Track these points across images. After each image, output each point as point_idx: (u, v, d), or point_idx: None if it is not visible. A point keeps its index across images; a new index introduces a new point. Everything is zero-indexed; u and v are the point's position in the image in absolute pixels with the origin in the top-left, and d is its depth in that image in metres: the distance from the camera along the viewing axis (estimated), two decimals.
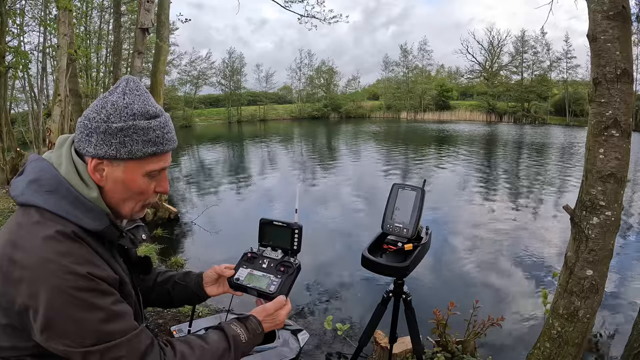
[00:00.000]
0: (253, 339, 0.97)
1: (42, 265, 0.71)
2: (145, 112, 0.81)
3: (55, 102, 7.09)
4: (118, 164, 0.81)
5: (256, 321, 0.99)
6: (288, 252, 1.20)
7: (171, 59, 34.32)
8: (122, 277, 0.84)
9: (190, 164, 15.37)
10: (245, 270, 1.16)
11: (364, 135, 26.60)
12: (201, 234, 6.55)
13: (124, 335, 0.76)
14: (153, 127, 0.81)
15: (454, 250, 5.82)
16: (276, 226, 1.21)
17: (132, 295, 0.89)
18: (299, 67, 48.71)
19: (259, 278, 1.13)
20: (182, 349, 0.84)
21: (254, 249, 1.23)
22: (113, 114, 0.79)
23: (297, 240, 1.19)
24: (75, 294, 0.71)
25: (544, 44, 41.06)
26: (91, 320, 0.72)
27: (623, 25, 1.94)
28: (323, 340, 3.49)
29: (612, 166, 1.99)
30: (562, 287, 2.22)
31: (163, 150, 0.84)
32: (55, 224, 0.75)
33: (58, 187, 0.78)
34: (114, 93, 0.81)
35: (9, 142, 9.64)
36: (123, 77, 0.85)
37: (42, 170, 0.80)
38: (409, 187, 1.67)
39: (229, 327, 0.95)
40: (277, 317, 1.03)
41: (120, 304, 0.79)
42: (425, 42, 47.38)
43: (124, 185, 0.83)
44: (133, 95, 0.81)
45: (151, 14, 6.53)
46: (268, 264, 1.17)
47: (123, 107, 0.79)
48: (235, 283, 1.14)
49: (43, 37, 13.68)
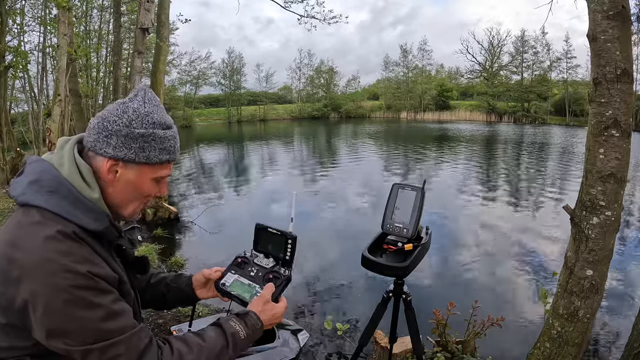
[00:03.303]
0: (252, 334, 0.98)
1: (42, 264, 0.71)
2: (163, 122, 0.88)
3: (55, 102, 7.09)
4: (132, 167, 0.86)
5: (255, 316, 1.00)
6: (279, 261, 1.17)
7: (171, 59, 34.39)
8: (121, 276, 0.85)
9: (190, 164, 15.36)
10: (233, 276, 1.14)
11: (364, 135, 26.60)
12: (201, 234, 6.55)
13: (123, 334, 0.77)
14: (168, 136, 0.88)
15: (454, 250, 5.82)
16: (271, 233, 1.18)
17: (131, 294, 0.90)
18: (298, 67, 48.80)
19: (244, 287, 1.11)
20: (179, 347, 0.85)
21: (247, 252, 1.21)
22: (135, 120, 0.84)
23: (290, 251, 1.15)
24: (75, 293, 0.72)
25: (544, 44, 41.16)
26: (91, 319, 0.73)
27: (623, 25, 1.94)
28: (323, 340, 3.49)
29: (612, 166, 1.99)
30: (562, 287, 2.22)
31: (174, 159, 0.92)
32: (56, 224, 0.76)
33: (59, 188, 0.79)
34: (135, 100, 0.86)
35: (9, 142, 9.65)
36: (140, 86, 0.91)
37: (42, 171, 0.81)
38: (409, 187, 1.67)
39: (228, 323, 0.95)
40: (275, 308, 1.04)
41: (119, 302, 0.80)
42: (425, 42, 47.45)
43: (134, 187, 0.88)
44: (152, 105, 0.87)
45: (151, 14, 6.53)
46: (256, 272, 1.14)
47: (145, 114, 0.85)
48: (221, 288, 1.12)
49: (43, 36, 13.70)
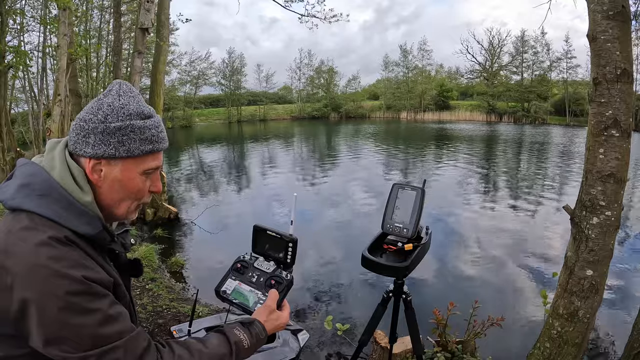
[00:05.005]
0: (256, 343, 0.96)
1: (34, 271, 0.70)
2: (140, 112, 0.84)
3: (55, 102, 7.08)
4: (116, 163, 0.83)
5: (260, 326, 0.98)
6: (280, 264, 1.14)
7: (171, 59, 34.35)
8: (115, 279, 0.83)
9: (190, 164, 15.37)
10: (234, 282, 1.11)
11: (364, 135, 26.60)
12: (201, 234, 6.55)
13: (121, 338, 0.75)
14: (148, 126, 0.84)
15: (454, 250, 5.82)
16: (270, 236, 1.15)
17: (126, 297, 0.88)
18: (298, 67, 48.77)
19: (246, 294, 1.08)
20: (180, 352, 0.83)
21: (247, 255, 1.18)
22: (110, 114, 0.81)
23: (291, 254, 1.12)
24: (70, 299, 0.70)
25: (544, 44, 41.10)
26: (88, 324, 0.72)
27: (623, 25, 1.94)
28: (323, 340, 3.49)
29: (612, 166, 1.99)
30: (562, 287, 2.22)
31: (158, 149, 0.87)
32: (47, 229, 0.74)
33: (50, 191, 0.77)
34: (109, 95, 0.84)
35: (9, 142, 9.64)
36: (114, 81, 0.88)
37: (33, 174, 0.79)
38: (409, 187, 1.67)
39: (232, 332, 0.93)
40: (279, 318, 1.03)
41: (115, 306, 0.78)
42: (425, 42, 47.34)
43: (122, 184, 0.84)
44: (127, 97, 0.84)
45: (151, 14, 6.53)
46: (257, 278, 1.11)
47: (119, 107, 0.82)
48: (222, 296, 1.10)
49: (43, 36, 13.70)
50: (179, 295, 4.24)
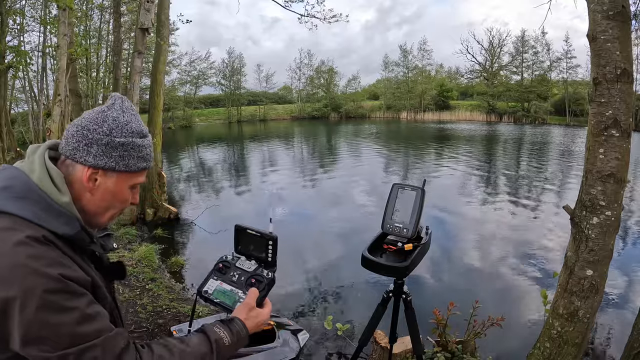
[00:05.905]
0: (237, 341, 0.97)
1: (12, 270, 0.70)
2: (140, 131, 0.90)
3: (55, 102, 7.08)
4: (112, 175, 0.87)
5: (241, 323, 0.99)
6: (262, 263, 1.14)
7: (171, 59, 34.36)
8: (94, 280, 0.84)
9: (190, 164, 15.37)
10: (215, 282, 1.12)
11: (364, 135, 26.60)
12: (201, 234, 6.55)
13: (99, 336, 0.76)
14: (145, 145, 0.91)
15: (454, 250, 5.82)
16: (250, 235, 1.16)
17: (107, 299, 0.89)
18: (298, 67, 48.76)
19: (227, 294, 1.09)
20: (160, 352, 0.84)
21: (229, 256, 1.19)
22: (115, 128, 0.85)
23: (271, 252, 1.13)
24: (48, 297, 0.71)
25: (544, 44, 41.09)
26: (65, 323, 0.72)
27: (623, 25, 1.94)
28: (323, 340, 3.49)
29: (612, 166, 1.99)
30: (562, 287, 2.22)
31: (149, 167, 0.94)
32: (25, 229, 0.75)
33: (29, 194, 0.79)
34: (113, 109, 0.87)
35: (9, 142, 9.65)
36: (114, 94, 0.91)
37: (13, 177, 0.81)
38: (409, 187, 1.67)
39: (212, 329, 0.95)
40: (259, 315, 1.04)
41: (93, 305, 0.79)
42: (425, 42, 47.33)
43: (113, 195, 0.89)
44: (129, 114, 0.89)
45: (151, 14, 6.53)
46: (238, 277, 1.12)
47: (124, 123, 0.87)
48: (204, 295, 1.11)
49: (43, 37, 13.72)
50: (179, 295, 4.24)
